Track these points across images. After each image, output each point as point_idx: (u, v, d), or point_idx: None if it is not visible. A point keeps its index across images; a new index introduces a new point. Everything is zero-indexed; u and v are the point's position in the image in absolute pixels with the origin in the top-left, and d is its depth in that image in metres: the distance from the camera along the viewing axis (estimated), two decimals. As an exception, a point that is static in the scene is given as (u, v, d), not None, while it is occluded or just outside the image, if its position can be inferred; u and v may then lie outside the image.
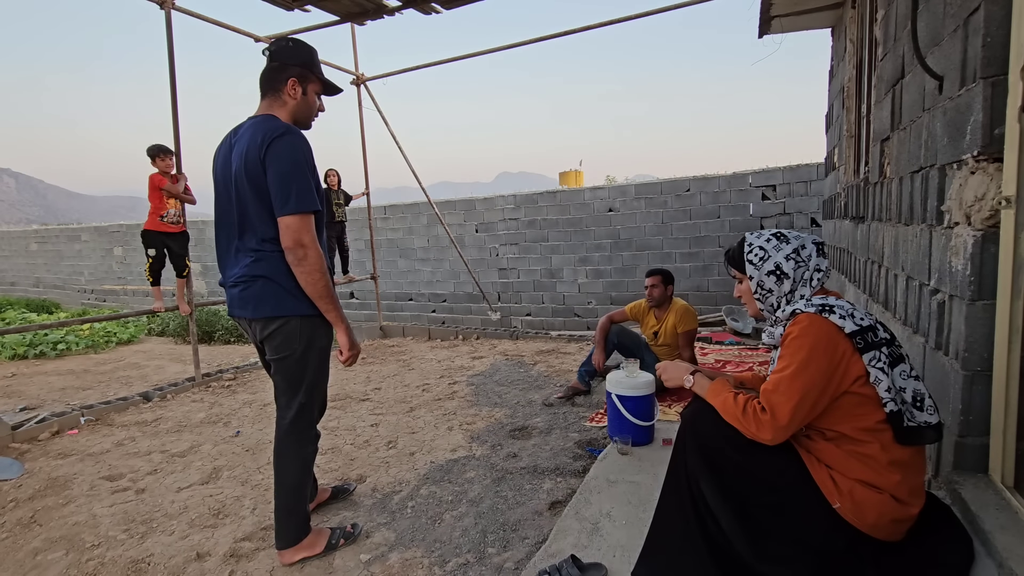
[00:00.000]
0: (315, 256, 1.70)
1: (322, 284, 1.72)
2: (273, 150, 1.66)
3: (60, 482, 2.68)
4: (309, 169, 1.72)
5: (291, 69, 1.78)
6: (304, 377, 1.84)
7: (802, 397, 1.23)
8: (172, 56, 4.20)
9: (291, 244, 1.68)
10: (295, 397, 1.84)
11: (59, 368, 5.99)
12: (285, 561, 1.88)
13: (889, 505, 1.21)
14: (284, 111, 1.79)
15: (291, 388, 1.84)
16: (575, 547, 1.72)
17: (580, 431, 3.01)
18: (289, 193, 1.66)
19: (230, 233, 1.80)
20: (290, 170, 1.67)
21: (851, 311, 1.28)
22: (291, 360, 1.81)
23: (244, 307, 1.79)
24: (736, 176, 7.24)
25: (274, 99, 1.80)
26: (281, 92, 1.79)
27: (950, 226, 1.60)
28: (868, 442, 1.23)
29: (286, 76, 1.78)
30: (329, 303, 1.76)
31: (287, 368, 1.83)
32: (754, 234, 1.46)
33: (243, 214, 1.75)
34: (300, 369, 1.83)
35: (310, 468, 1.97)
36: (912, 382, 1.25)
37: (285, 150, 1.67)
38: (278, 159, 1.66)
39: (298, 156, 1.69)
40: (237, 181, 1.73)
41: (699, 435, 1.39)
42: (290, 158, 1.67)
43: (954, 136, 1.59)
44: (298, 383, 1.84)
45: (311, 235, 1.69)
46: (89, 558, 2.01)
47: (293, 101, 1.80)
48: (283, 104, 1.80)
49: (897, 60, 2.27)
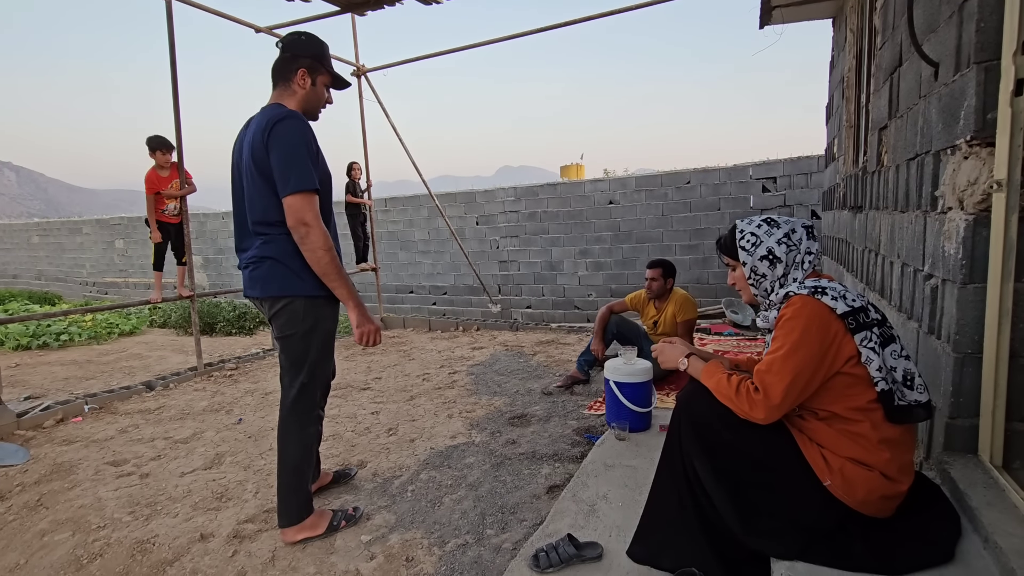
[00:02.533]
0: (318, 234, 1.74)
1: (326, 260, 1.76)
2: (275, 133, 1.72)
3: (65, 467, 2.72)
4: (310, 151, 1.76)
5: (302, 60, 1.84)
6: (307, 357, 1.88)
7: (795, 377, 1.25)
8: (173, 46, 4.20)
9: (294, 223, 1.73)
10: (298, 376, 1.89)
11: (62, 358, 6.03)
12: (287, 539, 1.93)
13: (878, 482, 1.23)
14: (293, 100, 1.85)
15: (293, 367, 1.89)
16: (572, 527, 1.75)
17: (579, 419, 3.04)
18: (290, 174, 1.71)
19: (243, 218, 1.87)
20: (291, 152, 1.71)
21: (843, 292, 1.30)
22: (295, 339, 1.86)
23: (254, 287, 1.86)
24: (737, 168, 7.24)
25: (284, 89, 1.86)
26: (291, 82, 1.85)
27: (944, 211, 1.62)
28: (859, 421, 1.26)
29: (296, 67, 1.84)
30: (337, 280, 1.79)
31: (291, 347, 1.87)
32: (745, 220, 1.48)
33: (252, 199, 1.81)
34: (303, 348, 1.87)
35: (312, 449, 2.00)
36: (903, 361, 1.27)
37: (286, 133, 1.72)
38: (279, 142, 1.72)
39: (298, 138, 1.73)
40: (247, 167, 1.80)
41: (693, 415, 1.41)
42: (290, 140, 1.72)
43: (949, 122, 1.60)
44: (301, 362, 1.88)
45: (313, 213, 1.73)
46: (95, 539, 2.05)
47: (303, 91, 1.86)
48: (293, 94, 1.86)
49: (895, 48, 2.28)
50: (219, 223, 11.76)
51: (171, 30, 4.22)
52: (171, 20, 4.23)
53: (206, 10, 4.55)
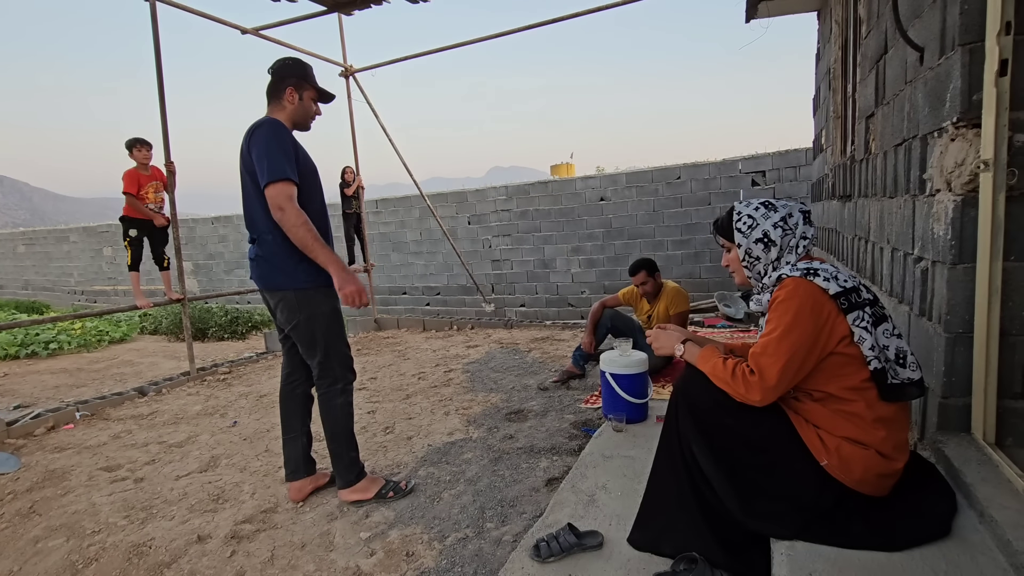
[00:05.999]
0: (293, 213, 1.90)
1: (303, 232, 1.91)
2: (254, 139, 1.96)
3: (58, 474, 2.69)
4: (283, 148, 1.94)
5: (289, 80, 2.06)
6: (316, 339, 2.08)
7: (789, 358, 1.26)
8: (158, 49, 4.16)
9: (272, 209, 1.91)
10: (314, 357, 2.11)
11: (52, 367, 5.96)
12: (342, 499, 2.18)
13: (875, 460, 1.25)
14: (284, 114, 2.07)
15: (309, 350, 2.11)
16: (571, 517, 1.75)
17: (575, 413, 3.04)
18: (264, 167, 1.91)
19: (247, 222, 2.10)
20: (264, 148, 1.92)
21: (835, 274, 1.31)
22: (300, 327, 2.07)
23: (257, 281, 2.10)
24: (726, 163, 7.28)
25: (276, 105, 2.08)
26: (282, 99, 2.07)
27: (932, 194, 1.64)
28: (854, 400, 1.27)
29: (285, 86, 2.05)
30: (315, 248, 1.94)
31: (299, 334, 2.09)
32: (743, 203, 1.49)
33: (249, 201, 2.04)
34: (310, 333, 2.07)
35: (344, 417, 2.16)
36: (895, 340, 1.28)
37: (261, 135, 1.95)
38: (256, 144, 1.95)
39: (271, 137, 1.94)
40: (242, 176, 2.04)
41: (690, 400, 1.42)
42: (264, 140, 1.93)
43: (935, 105, 1.62)
44: (313, 344, 2.09)
45: (287, 196, 1.90)
46: (90, 543, 2.03)
47: (292, 106, 2.07)
48: (283, 108, 2.07)
49: (880, 36, 2.30)
50: (208, 228, 11.67)
51: (156, 32, 4.19)
52: (156, 23, 4.19)
53: (191, 11, 4.51)
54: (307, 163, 2.05)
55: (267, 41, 5.31)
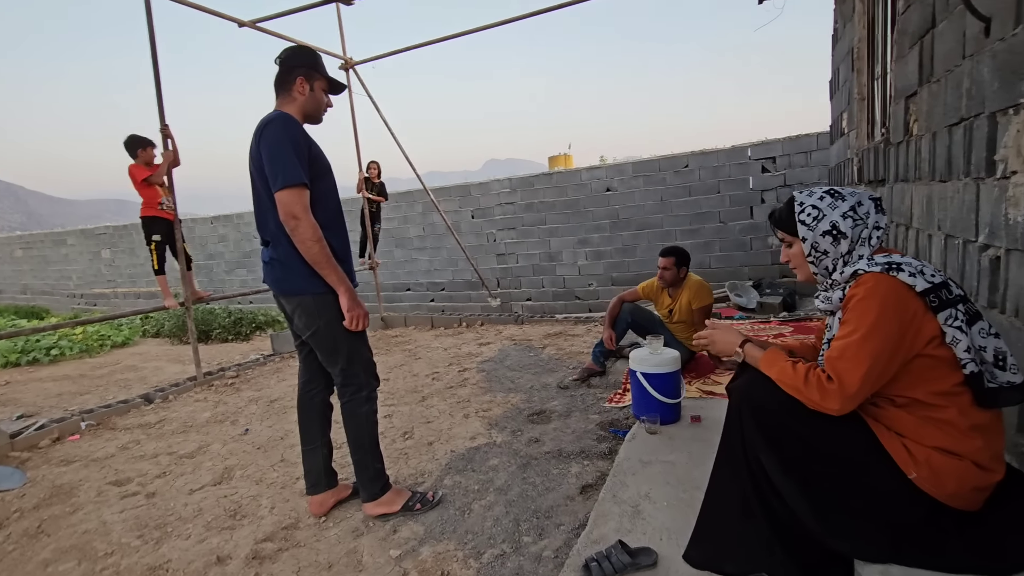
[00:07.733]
0: (307, 226, 1.78)
1: (315, 250, 1.80)
2: (264, 136, 1.82)
3: (65, 489, 2.57)
4: (297, 148, 1.80)
5: (298, 69, 1.93)
6: (338, 346, 1.96)
7: (872, 363, 1.14)
8: (154, 43, 4.01)
9: (284, 217, 1.78)
10: (337, 364, 1.99)
11: (54, 374, 5.84)
12: (367, 513, 2.07)
13: (971, 472, 1.13)
14: (294, 107, 1.93)
15: (330, 356, 1.99)
16: (618, 531, 1.63)
17: (601, 412, 2.93)
18: (276, 171, 1.77)
19: (258, 223, 1.98)
20: (276, 150, 1.78)
21: (920, 268, 1.18)
22: (320, 334, 1.95)
23: (272, 285, 1.98)
24: (735, 149, 7.14)
25: (286, 97, 1.93)
26: (291, 90, 1.93)
27: (1005, 176, 1.51)
28: (944, 407, 1.15)
29: (294, 76, 1.92)
30: (326, 268, 1.84)
31: (319, 341, 1.97)
32: (804, 192, 1.36)
33: (260, 202, 1.91)
34: (331, 339, 1.95)
35: (369, 426, 2.06)
36: (992, 340, 1.16)
37: (271, 133, 1.80)
38: (267, 143, 1.80)
39: (283, 136, 1.79)
40: (252, 175, 1.91)
41: (755, 407, 1.30)
42: (275, 139, 1.79)
43: (1007, 79, 1.49)
44: (335, 351, 1.97)
45: (302, 206, 1.77)
46: (103, 567, 1.92)
47: (302, 97, 1.93)
48: (293, 100, 1.93)
49: (926, 9, 2.16)
50: (207, 228, 11.51)
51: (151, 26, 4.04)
52: (151, 17, 4.04)
53: (187, 4, 4.35)
54: (322, 161, 1.92)
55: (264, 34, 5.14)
